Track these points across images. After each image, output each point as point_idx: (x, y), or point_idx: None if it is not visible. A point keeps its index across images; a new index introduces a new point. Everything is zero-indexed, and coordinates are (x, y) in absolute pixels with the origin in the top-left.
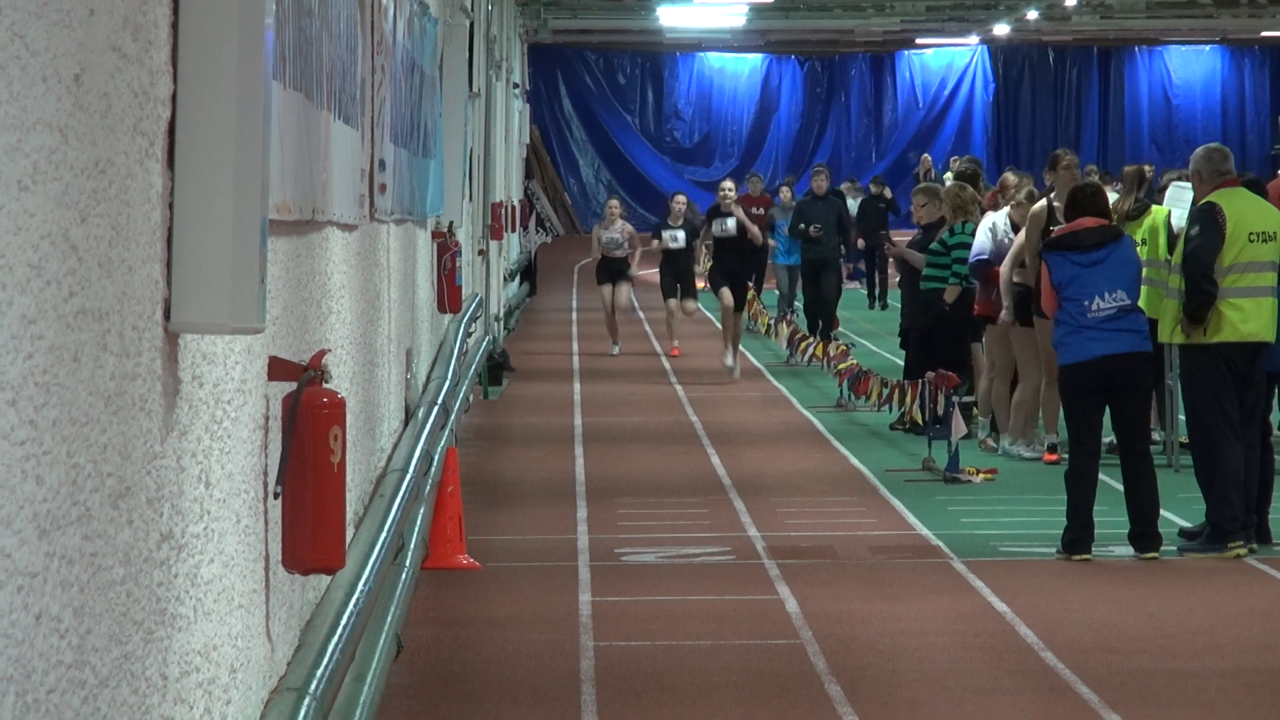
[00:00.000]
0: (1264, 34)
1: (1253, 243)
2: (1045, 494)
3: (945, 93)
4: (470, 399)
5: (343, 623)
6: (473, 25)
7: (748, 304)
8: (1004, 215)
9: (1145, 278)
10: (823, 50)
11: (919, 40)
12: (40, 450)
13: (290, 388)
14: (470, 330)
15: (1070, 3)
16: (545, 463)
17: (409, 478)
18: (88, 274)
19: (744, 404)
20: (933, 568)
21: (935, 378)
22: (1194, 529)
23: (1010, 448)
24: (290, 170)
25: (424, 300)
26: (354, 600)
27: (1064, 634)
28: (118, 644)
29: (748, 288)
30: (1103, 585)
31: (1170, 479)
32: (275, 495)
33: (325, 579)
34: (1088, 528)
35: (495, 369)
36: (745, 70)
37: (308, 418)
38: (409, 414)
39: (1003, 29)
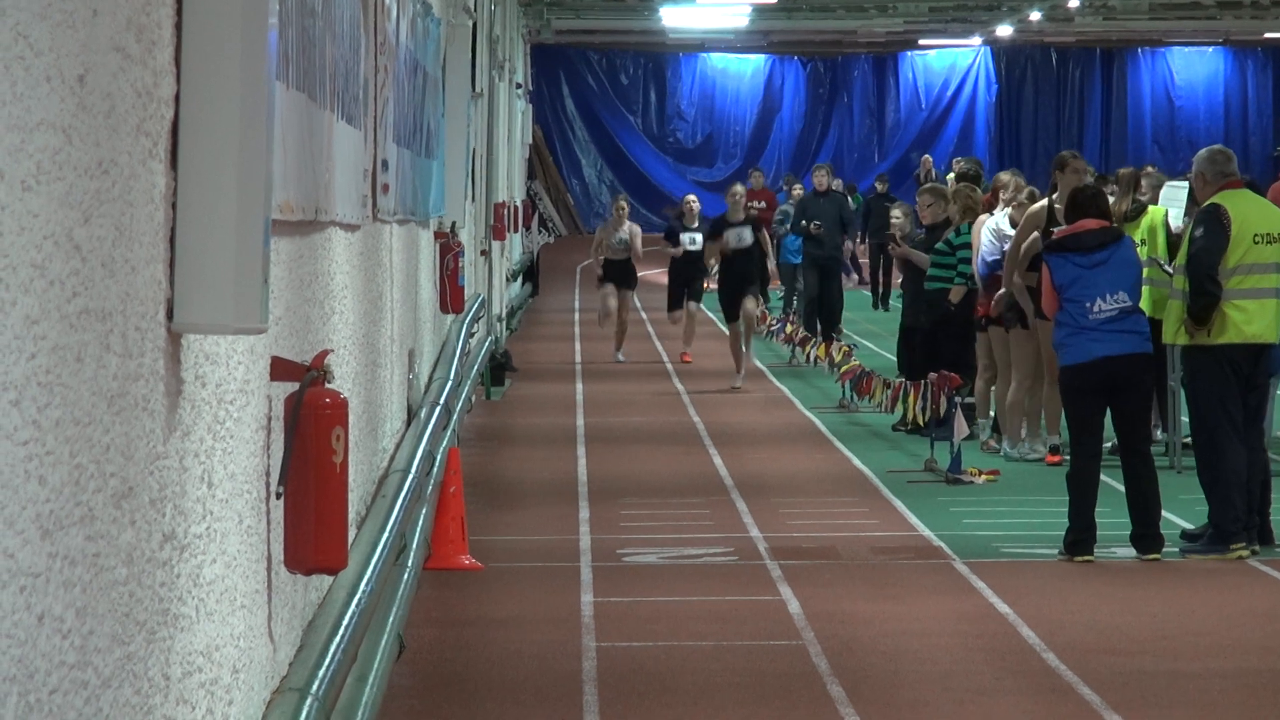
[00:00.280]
0: (1267, 35)
1: (1257, 244)
2: (1047, 495)
3: (948, 94)
4: (472, 399)
5: (345, 623)
6: (475, 25)
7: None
8: (1004, 217)
9: (1146, 278)
10: (825, 51)
11: (922, 41)
12: (43, 450)
13: (293, 388)
14: (473, 331)
15: (1073, 4)
16: (547, 463)
17: (411, 478)
18: (91, 274)
19: (746, 405)
20: (935, 569)
21: (937, 379)
22: (1196, 530)
23: (1012, 450)
24: (293, 170)
25: (426, 300)
26: (356, 601)
27: (1066, 635)
28: (120, 644)
29: (758, 303)
30: (1105, 586)
31: (1172, 480)
32: (278, 495)
33: (327, 579)
34: (1090, 529)
35: (497, 369)
36: (748, 71)
37: (310, 418)
38: (411, 414)
39: (1005, 30)
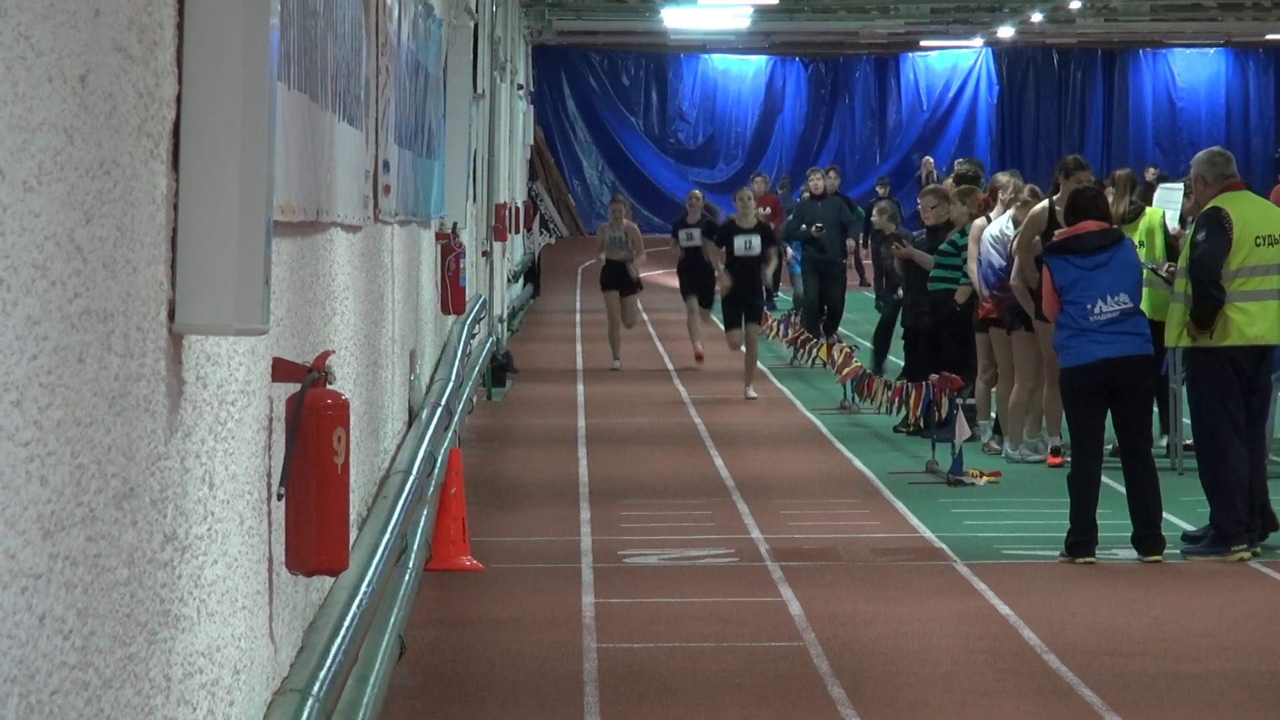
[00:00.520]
0: (1268, 37)
1: (1259, 246)
2: (1048, 497)
3: (949, 95)
4: (474, 400)
5: (346, 624)
6: (477, 26)
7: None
8: (1008, 219)
9: (1145, 279)
10: (827, 52)
11: (923, 42)
12: (45, 451)
13: (294, 389)
14: (474, 332)
15: (1074, 5)
16: (548, 464)
17: (412, 479)
18: (92, 275)
19: (747, 406)
20: (936, 570)
21: (939, 380)
22: (1197, 532)
23: (1013, 452)
24: (295, 171)
25: (428, 301)
26: (357, 601)
27: (1067, 636)
28: (121, 645)
29: (764, 315)
30: (1106, 588)
31: (1173, 481)
32: (279, 496)
33: (328, 580)
34: (1091, 530)
35: (499, 370)
36: (749, 72)
37: (311, 419)
38: (412, 415)
39: (1007, 31)
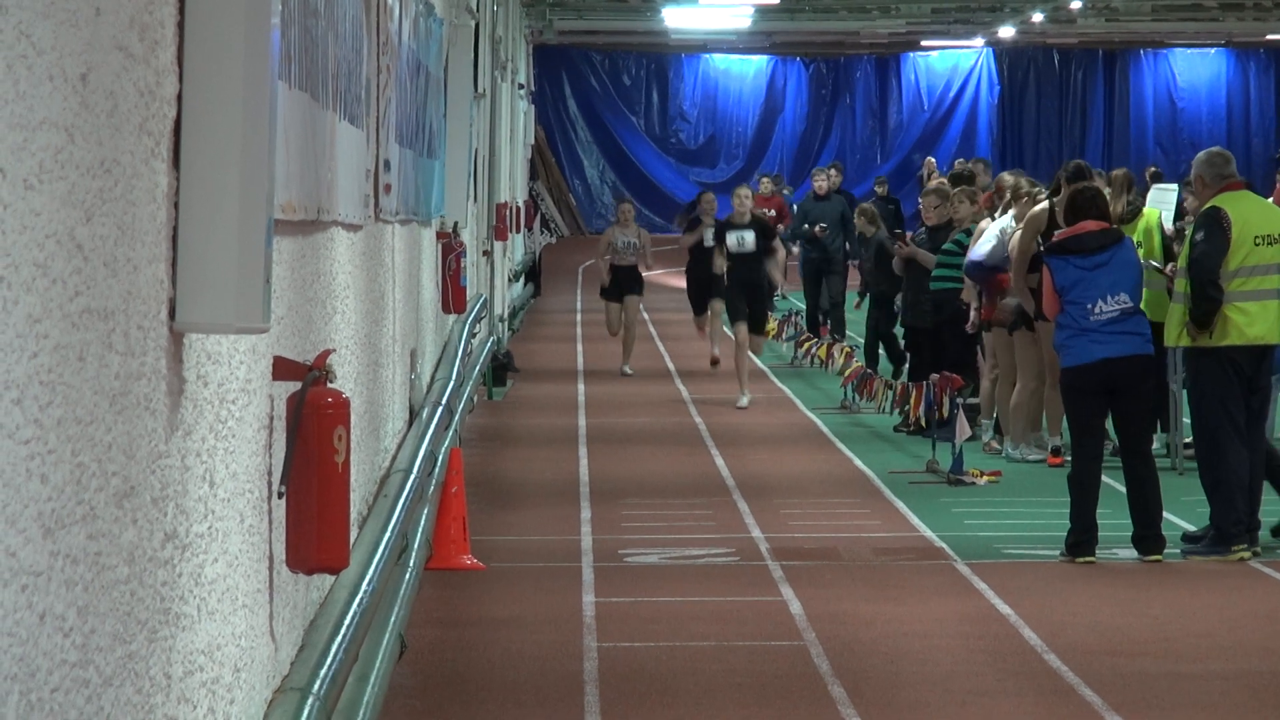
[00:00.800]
0: (1269, 37)
1: (1258, 246)
2: (1049, 496)
3: (950, 95)
4: (474, 400)
5: (346, 623)
6: (478, 26)
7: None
8: (1010, 217)
9: (1145, 279)
10: (828, 52)
11: (924, 42)
12: (45, 449)
13: (295, 387)
14: (475, 331)
15: (1075, 5)
16: (549, 463)
17: (413, 478)
18: (93, 273)
19: (748, 406)
20: (936, 570)
21: (940, 380)
22: (1197, 532)
23: (1014, 451)
24: (295, 170)
25: (428, 301)
26: (358, 600)
27: (1067, 636)
28: (122, 643)
29: (767, 317)
30: (1106, 588)
31: (1173, 481)
32: (279, 495)
33: (329, 579)
34: (1091, 530)
35: (499, 370)
36: (750, 72)
37: (312, 418)
38: (413, 414)
39: (1008, 31)
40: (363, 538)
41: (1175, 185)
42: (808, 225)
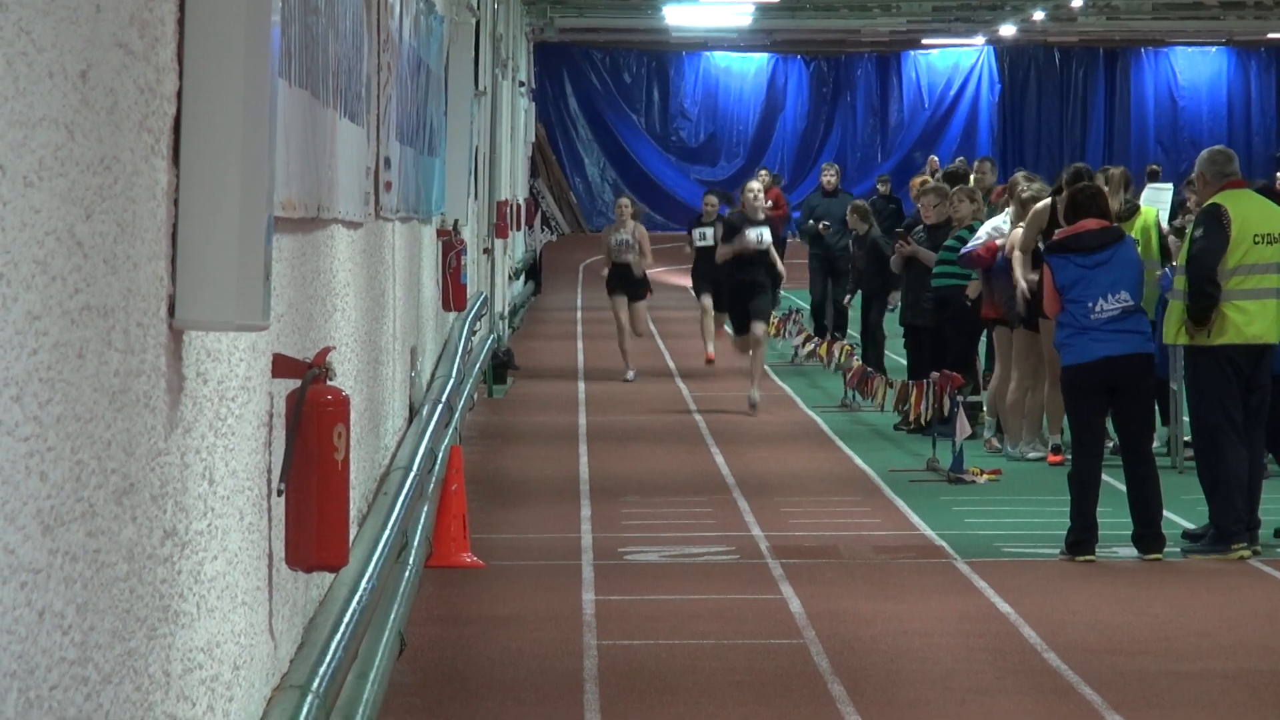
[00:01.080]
0: (1270, 36)
1: (1257, 245)
2: (1049, 495)
3: (951, 93)
4: (475, 397)
5: (346, 620)
6: (479, 23)
7: (770, 330)
8: (1003, 218)
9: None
10: (829, 50)
11: (925, 41)
12: (44, 446)
13: (295, 385)
14: (475, 329)
15: (1076, 4)
16: (549, 461)
17: (413, 476)
18: (93, 270)
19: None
20: (936, 568)
21: (940, 378)
22: (1197, 531)
23: (1011, 449)
24: (296, 167)
25: (429, 298)
26: (357, 598)
27: (1067, 635)
28: (121, 640)
29: (768, 326)
30: (1106, 586)
31: (1173, 480)
32: (279, 492)
33: (329, 576)
34: (1091, 529)
35: (500, 367)
36: (751, 70)
37: (312, 415)
38: (413, 412)
39: (1009, 30)
40: (362, 535)
41: (1170, 184)
42: (812, 221)
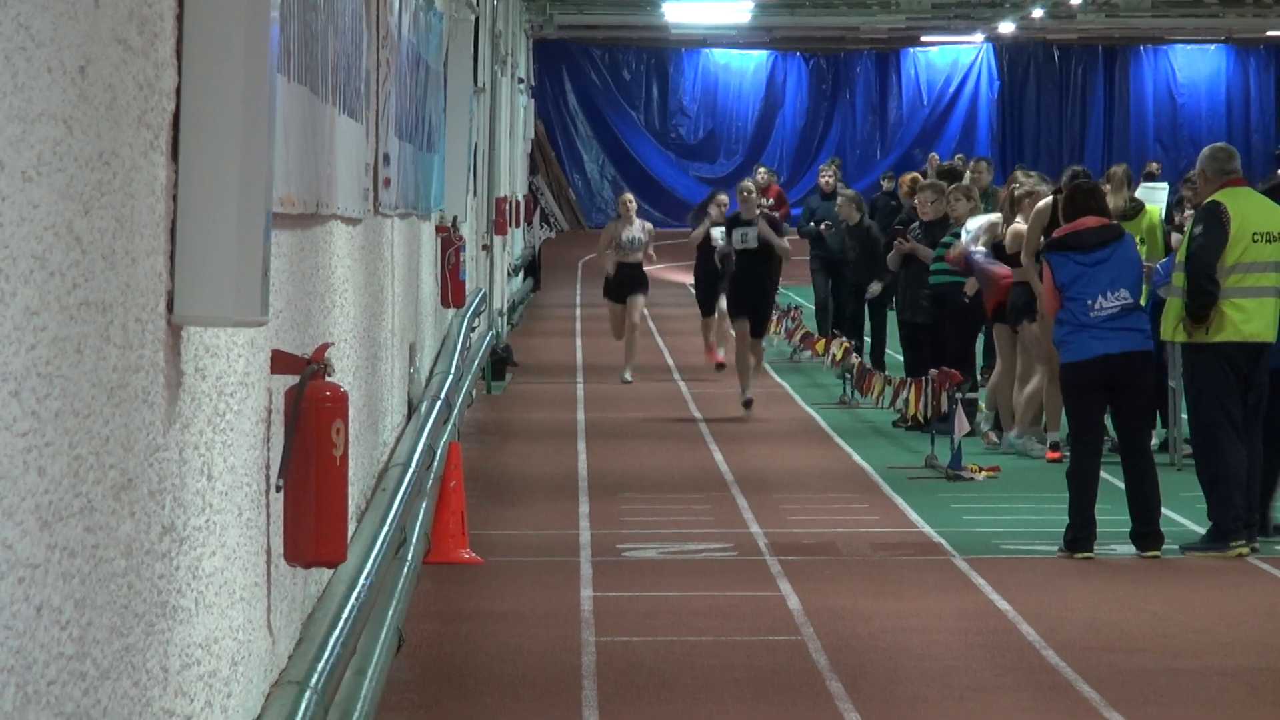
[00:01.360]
0: (1269, 33)
1: (1256, 243)
2: (1047, 492)
3: (950, 90)
4: (473, 394)
5: (344, 617)
6: (478, 20)
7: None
8: (992, 217)
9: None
10: (828, 47)
11: (924, 38)
12: (42, 441)
13: (293, 381)
14: (474, 325)
15: (1075, 1)
16: (548, 458)
17: (411, 472)
18: (91, 266)
19: (751, 402)
20: (935, 565)
21: (938, 375)
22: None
23: (1016, 441)
24: (294, 164)
25: (427, 295)
26: (355, 594)
27: (1065, 632)
28: (119, 636)
29: (770, 317)
30: (1104, 584)
31: (1172, 477)
32: (277, 489)
33: (327, 573)
34: (1090, 526)
35: (498, 364)
36: (750, 67)
37: (310, 411)
38: (412, 408)
39: (1008, 27)
40: (361, 531)
41: (1166, 183)
42: (813, 224)
